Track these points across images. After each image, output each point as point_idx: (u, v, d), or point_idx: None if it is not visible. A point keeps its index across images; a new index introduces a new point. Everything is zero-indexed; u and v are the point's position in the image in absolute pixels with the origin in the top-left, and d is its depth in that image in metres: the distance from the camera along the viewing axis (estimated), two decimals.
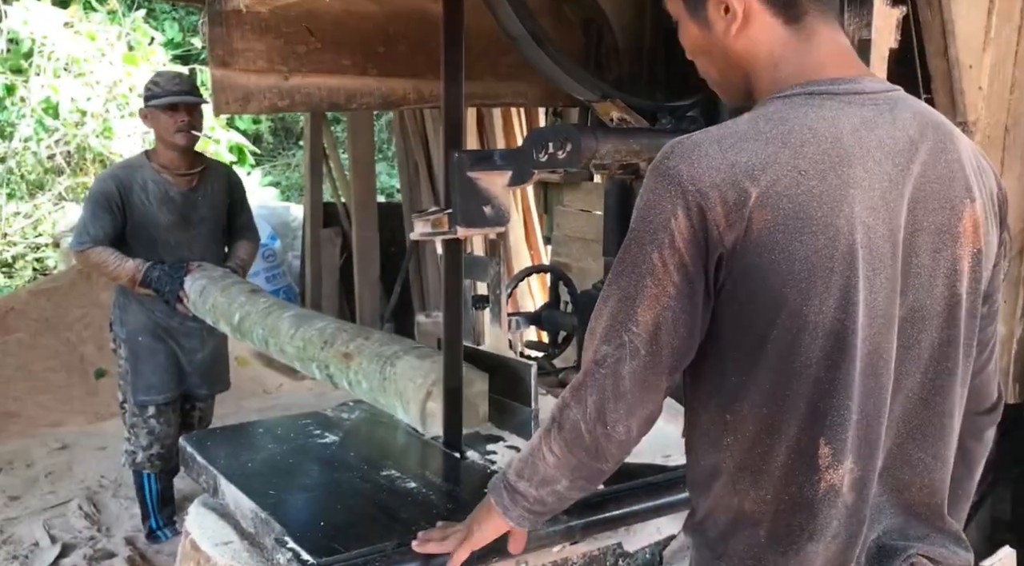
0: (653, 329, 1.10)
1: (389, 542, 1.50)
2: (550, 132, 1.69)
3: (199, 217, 3.39)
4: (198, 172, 3.38)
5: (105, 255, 3.22)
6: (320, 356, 2.25)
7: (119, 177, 3.29)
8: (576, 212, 4.40)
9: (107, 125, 8.69)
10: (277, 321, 2.50)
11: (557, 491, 1.27)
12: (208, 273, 3.18)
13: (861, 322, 1.09)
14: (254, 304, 2.70)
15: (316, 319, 2.44)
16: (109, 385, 5.17)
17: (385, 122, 9.74)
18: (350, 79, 2.16)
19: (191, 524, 1.76)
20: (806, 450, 1.11)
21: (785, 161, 1.07)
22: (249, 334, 2.64)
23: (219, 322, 2.91)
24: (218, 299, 2.92)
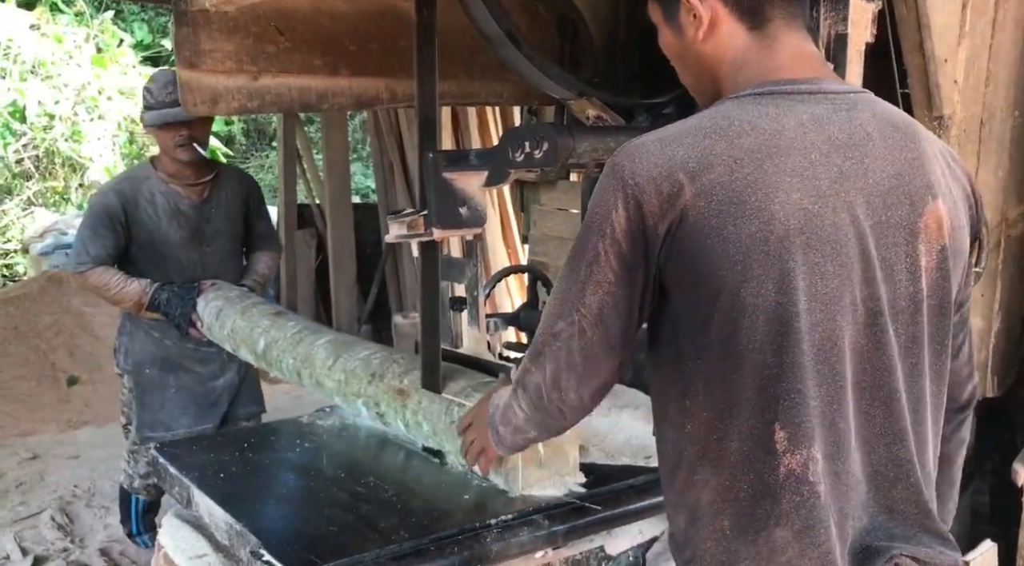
0: (598, 311, 1.18)
1: (368, 552, 1.47)
2: (526, 131, 1.66)
3: (213, 231, 3.04)
4: (210, 180, 3.04)
5: (106, 277, 2.88)
6: (367, 391, 2.00)
7: (123, 191, 2.93)
8: (553, 211, 4.38)
9: (76, 128, 8.57)
10: (311, 349, 2.21)
11: (529, 438, 1.42)
12: (224, 293, 2.86)
13: (804, 306, 1.11)
14: (281, 329, 2.39)
15: (358, 346, 2.16)
16: (81, 393, 5.10)
17: (359, 122, 9.68)
18: (321, 79, 2.12)
19: (164, 537, 1.72)
20: (761, 435, 1.13)
21: (721, 152, 1.11)
22: (277, 364, 2.34)
23: (239, 349, 2.58)
24: (238, 323, 2.59)
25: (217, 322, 2.72)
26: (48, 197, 8.77)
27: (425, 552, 1.49)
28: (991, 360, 2.25)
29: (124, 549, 3.42)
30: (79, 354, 5.26)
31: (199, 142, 2.92)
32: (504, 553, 1.57)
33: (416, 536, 1.53)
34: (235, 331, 2.59)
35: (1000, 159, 2.11)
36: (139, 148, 9.12)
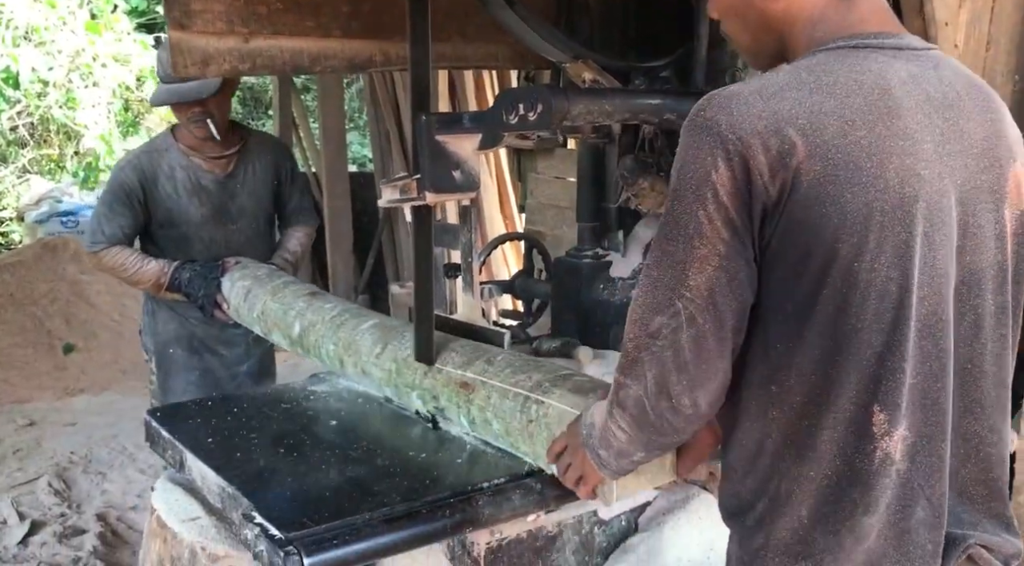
0: (708, 292, 1.05)
1: (359, 515, 1.47)
2: (520, 93, 1.64)
3: (239, 208, 2.80)
4: (236, 152, 2.78)
5: (123, 257, 2.69)
6: (424, 384, 1.83)
7: (141, 166, 2.70)
8: (550, 179, 4.36)
9: (71, 95, 8.49)
10: (354, 334, 2.03)
11: (636, 460, 1.24)
12: (252, 271, 2.62)
13: (918, 281, 1.04)
14: (319, 312, 2.18)
15: (409, 332, 1.94)
16: (77, 360, 5.11)
17: (356, 90, 9.60)
18: (314, 41, 2.09)
19: (157, 500, 1.72)
20: (858, 420, 1.06)
21: (831, 110, 1.02)
22: (315, 350, 2.15)
23: (271, 333, 2.36)
24: (269, 305, 2.36)
25: (245, 303, 2.49)
26: (43, 165, 8.72)
27: (417, 515, 1.50)
28: None
29: (121, 514, 3.44)
30: (75, 322, 5.26)
31: (215, 119, 2.65)
32: (496, 516, 1.58)
33: (408, 499, 1.53)
34: (266, 314, 2.36)
35: None
36: (134, 116, 9.06)
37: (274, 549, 1.37)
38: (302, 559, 1.35)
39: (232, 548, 1.56)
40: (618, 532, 1.84)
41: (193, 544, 1.57)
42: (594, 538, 1.80)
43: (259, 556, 1.42)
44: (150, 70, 8.87)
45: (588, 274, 2.30)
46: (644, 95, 1.72)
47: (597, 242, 2.35)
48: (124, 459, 3.98)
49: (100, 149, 8.67)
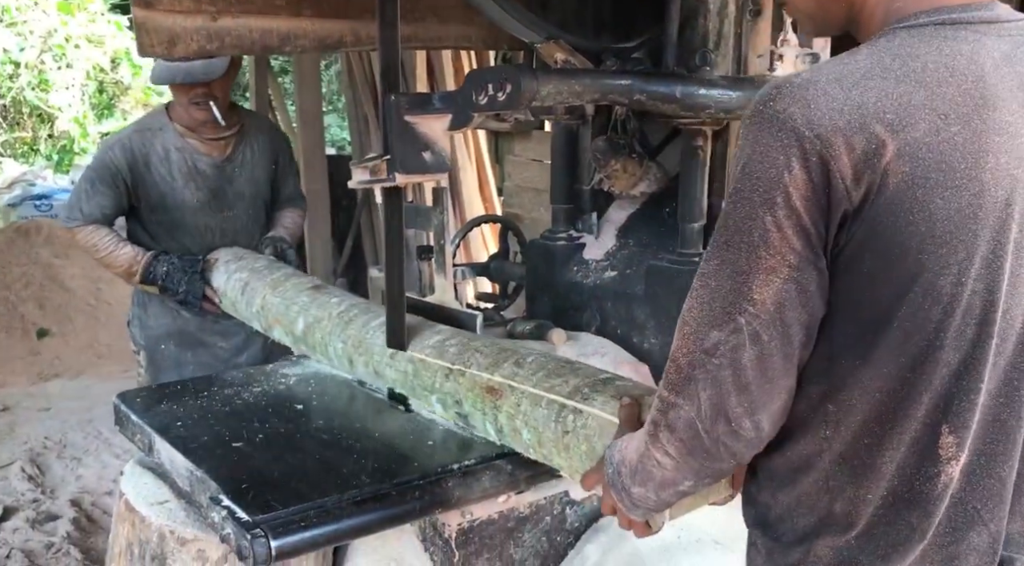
0: (775, 308, 0.94)
1: (328, 497, 1.47)
2: (489, 73, 1.63)
3: (236, 193, 2.66)
4: (234, 134, 2.64)
5: (96, 237, 2.55)
6: (445, 387, 1.69)
7: (131, 146, 2.54)
8: (527, 162, 4.35)
9: (43, 77, 8.39)
10: (365, 332, 1.90)
11: (682, 490, 1.09)
12: (249, 262, 2.45)
13: (1004, 292, 0.95)
14: (324, 306, 2.05)
15: (425, 330, 1.84)
16: (52, 345, 5.06)
17: (335, 73, 9.51)
18: (283, 20, 2.06)
19: (126, 484, 1.71)
20: (925, 440, 0.97)
21: (921, 102, 0.91)
22: (321, 348, 2.02)
23: (272, 329, 2.21)
24: (270, 299, 2.20)
25: (243, 298, 2.33)
26: (16, 148, 8.60)
27: (386, 496, 1.50)
28: None
29: (96, 500, 3.42)
30: (49, 306, 5.20)
31: (218, 102, 2.52)
32: (466, 497, 1.58)
33: (378, 481, 1.53)
34: (266, 308, 2.21)
35: None
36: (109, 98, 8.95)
37: (241, 532, 1.37)
38: (269, 542, 1.35)
39: (200, 531, 1.55)
40: (590, 512, 1.85)
41: (161, 527, 1.57)
42: (566, 518, 1.81)
43: (226, 539, 1.41)
44: (125, 51, 8.76)
45: (561, 256, 2.29)
46: (614, 76, 1.72)
47: (571, 224, 2.35)
48: (99, 444, 3.95)
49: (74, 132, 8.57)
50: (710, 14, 1.89)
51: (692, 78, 1.79)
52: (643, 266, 2.10)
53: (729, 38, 1.89)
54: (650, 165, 2.15)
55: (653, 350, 2.06)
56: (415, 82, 5.25)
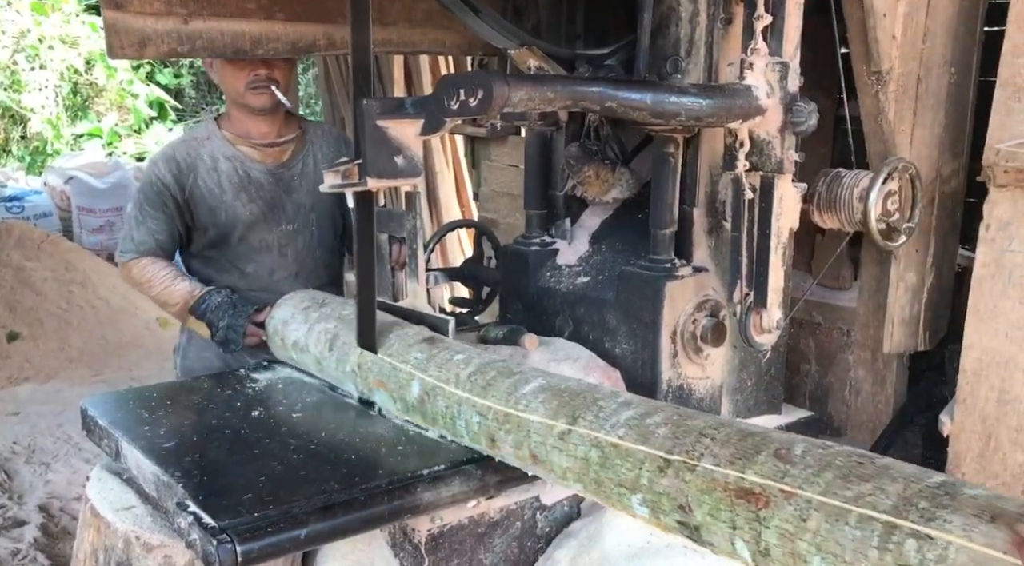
0: None
1: (295, 502, 1.46)
2: (461, 78, 1.63)
3: (295, 205, 2.38)
4: (292, 139, 2.40)
5: (151, 271, 2.31)
6: (659, 485, 1.26)
7: (176, 158, 2.32)
8: (503, 167, 4.35)
9: (16, 78, 8.30)
10: (513, 402, 1.52)
11: None
12: (335, 309, 2.03)
13: None
14: (446, 366, 1.69)
15: (606, 399, 1.44)
16: (22, 348, 4.99)
17: (312, 76, 9.48)
18: (256, 23, 2.05)
19: (91, 490, 1.69)
20: None
21: None
22: (447, 421, 1.66)
23: (372, 393, 1.86)
24: (370, 355, 1.84)
25: (332, 354, 1.93)
26: None
27: (353, 502, 1.49)
28: (923, 315, 2.29)
29: (64, 505, 3.38)
30: (19, 309, 5.13)
31: (278, 84, 2.27)
32: (435, 502, 1.58)
33: (346, 486, 1.53)
34: (366, 368, 1.84)
35: (936, 115, 2.13)
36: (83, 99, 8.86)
37: (207, 537, 1.35)
38: (235, 547, 1.34)
39: (167, 537, 1.54)
40: (561, 518, 1.85)
41: (127, 533, 1.55)
42: (536, 524, 1.81)
43: (192, 545, 1.40)
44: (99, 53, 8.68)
45: (535, 261, 2.30)
46: (586, 82, 1.72)
47: (545, 229, 2.36)
48: (69, 449, 3.90)
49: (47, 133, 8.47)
50: (682, 22, 1.91)
51: (663, 85, 1.80)
52: (616, 272, 2.11)
53: (700, 46, 1.91)
54: (623, 172, 2.16)
55: (625, 356, 2.07)
56: (392, 87, 5.24)
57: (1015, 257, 1.89)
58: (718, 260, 2.06)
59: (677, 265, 2.00)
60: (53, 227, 6.54)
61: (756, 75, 1.77)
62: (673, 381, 2.01)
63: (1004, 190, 1.89)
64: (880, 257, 2.23)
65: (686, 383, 2.04)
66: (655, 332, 1.98)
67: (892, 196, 1.98)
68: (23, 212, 6.59)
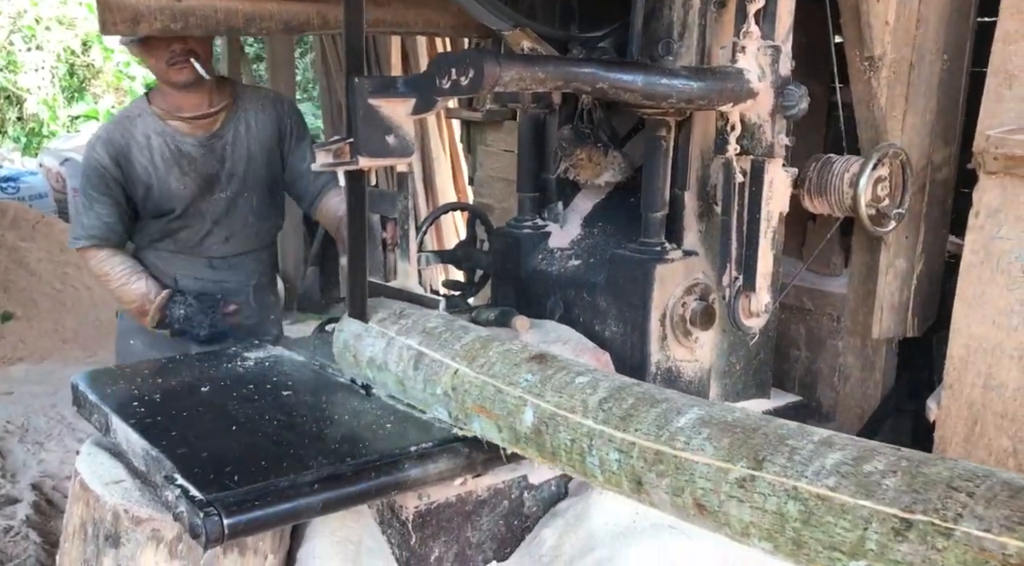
0: None
1: (283, 477, 1.47)
2: (453, 58, 1.63)
3: (229, 175, 2.39)
4: (222, 109, 2.39)
5: (108, 265, 2.34)
6: (893, 552, 0.99)
7: (112, 139, 2.32)
8: (499, 152, 4.35)
9: (12, 58, 8.26)
10: (667, 438, 1.23)
11: None
12: (416, 321, 1.79)
13: None
14: (568, 390, 1.40)
15: (792, 434, 1.16)
16: (16, 329, 5.00)
17: (310, 61, 9.45)
18: (249, 2, 2.05)
19: (81, 464, 1.70)
20: None
21: None
22: (572, 456, 1.36)
23: (471, 420, 1.58)
24: (468, 377, 1.56)
25: (418, 374, 1.67)
26: None
27: (340, 477, 1.50)
28: (912, 301, 2.30)
29: (57, 484, 3.40)
30: (13, 290, 5.14)
31: (198, 57, 2.26)
32: (422, 479, 1.59)
33: (334, 462, 1.54)
34: (461, 391, 1.57)
35: (928, 102, 2.13)
36: (80, 81, 8.83)
37: (194, 510, 1.36)
38: (222, 520, 1.35)
39: (155, 511, 1.54)
40: (548, 497, 1.86)
41: (116, 507, 1.56)
42: (524, 503, 1.82)
43: (179, 517, 1.41)
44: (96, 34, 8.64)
45: (527, 244, 2.31)
46: (577, 63, 1.72)
47: (537, 212, 2.36)
48: (63, 428, 3.92)
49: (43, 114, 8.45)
50: (675, 5, 1.91)
51: (654, 67, 1.81)
52: (607, 255, 2.12)
53: (693, 29, 1.91)
54: (615, 155, 2.17)
55: (614, 338, 2.08)
56: (389, 68, 5.23)
57: (1003, 244, 1.90)
58: (708, 244, 2.07)
59: (667, 248, 2.00)
60: (48, 208, 6.53)
61: (748, 59, 1.78)
62: (662, 364, 2.02)
63: (993, 177, 1.90)
64: (870, 244, 2.24)
65: (675, 366, 2.05)
66: (644, 315, 1.99)
67: (882, 182, 1.99)
68: (18, 193, 6.59)
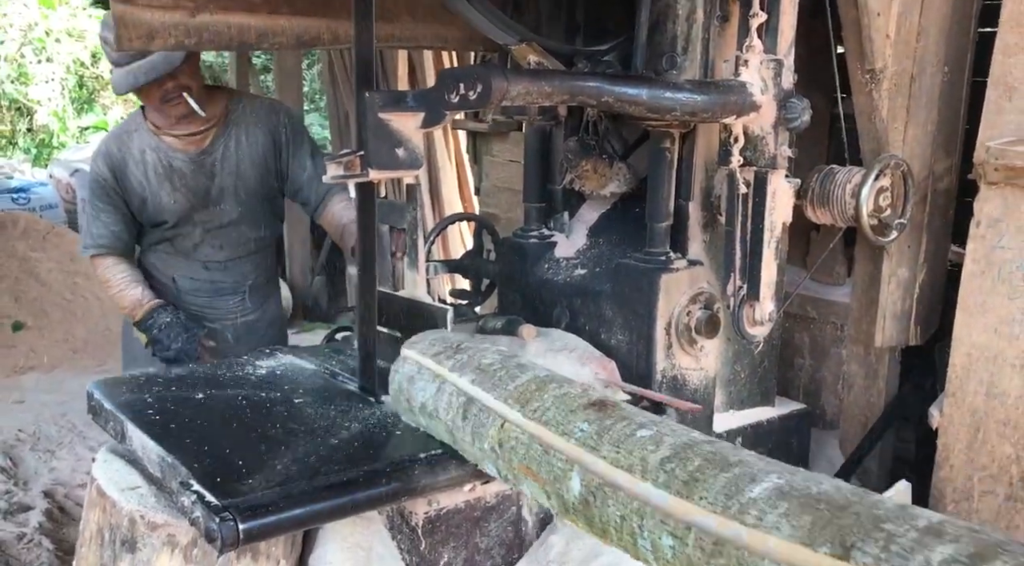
0: None
1: (297, 483, 1.50)
2: (460, 72, 1.66)
3: (219, 189, 2.45)
4: (213, 125, 2.44)
5: (110, 273, 2.43)
6: None
7: (110, 152, 2.42)
8: (505, 162, 4.38)
9: (23, 70, 8.35)
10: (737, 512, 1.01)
11: None
12: (472, 356, 1.60)
13: None
14: (627, 444, 1.20)
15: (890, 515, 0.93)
16: (27, 338, 5.04)
17: (317, 72, 9.52)
18: (261, 18, 2.09)
19: (97, 471, 1.73)
20: None
21: None
22: (624, 535, 1.16)
23: (521, 481, 1.40)
24: (514, 431, 1.39)
25: (466, 424, 1.51)
26: None
27: (353, 483, 1.53)
28: (915, 310, 2.32)
29: (68, 491, 3.43)
30: (24, 299, 5.19)
31: (191, 91, 2.35)
32: (432, 485, 1.62)
33: (346, 469, 1.57)
34: (507, 448, 1.39)
35: (929, 114, 2.16)
36: (89, 92, 8.91)
37: (209, 515, 1.40)
38: (237, 525, 1.38)
39: (171, 516, 1.58)
40: None
41: (132, 512, 1.59)
42: (533, 508, 1.85)
43: (195, 522, 1.44)
44: None
45: (533, 254, 2.34)
46: (583, 77, 1.76)
47: (543, 223, 2.39)
48: (73, 437, 3.95)
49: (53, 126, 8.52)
50: (679, 19, 1.94)
51: (658, 81, 1.84)
52: (612, 264, 2.15)
53: (697, 43, 1.94)
54: (620, 166, 2.20)
55: (620, 346, 2.11)
56: (396, 81, 5.28)
57: (1004, 253, 1.93)
58: (713, 254, 2.10)
59: (672, 258, 2.03)
60: (58, 219, 6.59)
61: (751, 72, 1.81)
62: (667, 372, 2.05)
63: (994, 187, 1.93)
64: (873, 253, 2.27)
65: (680, 374, 2.07)
66: (650, 323, 2.02)
67: (884, 192, 2.02)
68: (29, 203, 6.65)
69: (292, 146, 2.53)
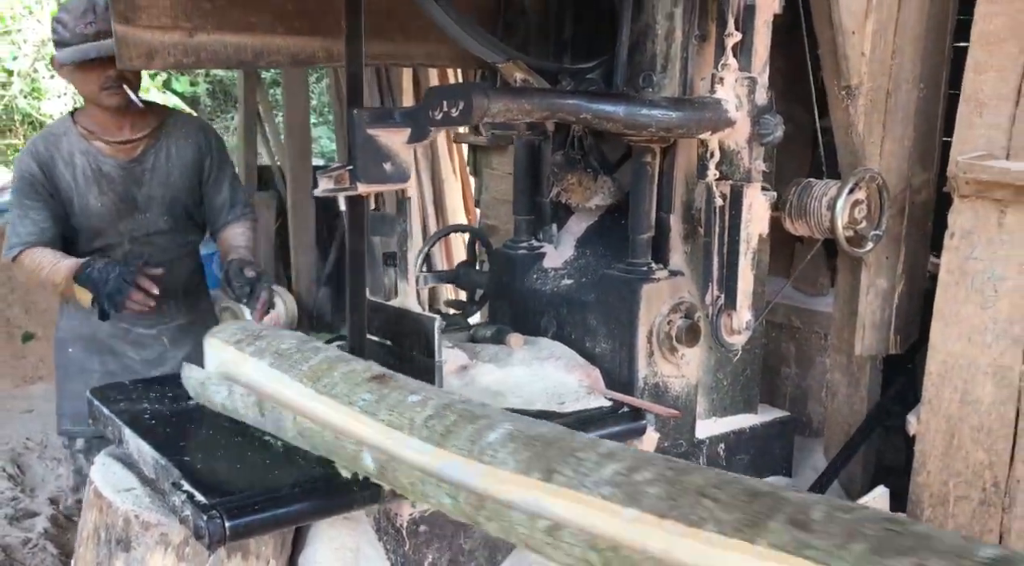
0: None
1: (284, 485, 1.56)
2: (445, 91, 1.74)
3: (146, 197, 2.48)
4: (145, 135, 2.47)
5: (40, 256, 2.36)
6: None
7: (39, 151, 2.42)
8: (504, 175, 4.45)
9: (36, 85, 8.48)
10: (486, 459, 1.28)
11: None
12: (270, 342, 1.82)
13: None
14: (398, 409, 1.45)
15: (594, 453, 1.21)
16: (36, 348, 5.12)
17: (326, 86, 9.63)
18: (258, 37, 2.17)
19: (95, 473, 1.80)
20: None
21: None
22: (418, 495, 1.41)
23: (350, 463, 1.56)
24: (290, 422, 1.62)
25: (266, 420, 1.70)
26: (7, 154, 8.67)
27: (338, 483, 1.59)
28: (895, 320, 2.37)
29: (75, 499, 3.50)
30: (34, 310, 5.26)
31: (130, 84, 2.35)
32: None
33: (331, 469, 1.63)
34: (307, 436, 1.60)
35: (905, 129, 2.22)
36: None
37: (198, 513, 1.46)
38: (224, 522, 1.44)
39: (164, 516, 1.64)
40: None
41: (127, 513, 1.66)
42: None
43: (185, 521, 1.51)
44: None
45: (522, 265, 2.40)
46: (562, 95, 1.82)
47: (532, 234, 2.46)
48: None
49: None
50: (658, 38, 2.01)
51: (635, 98, 1.91)
52: (598, 275, 2.21)
53: (676, 61, 2.01)
54: (604, 180, 2.26)
55: (604, 354, 2.17)
56: (401, 96, 5.37)
57: (976, 264, 1.98)
58: (694, 265, 2.16)
59: (654, 269, 2.09)
60: None
61: (726, 89, 1.87)
62: (649, 379, 2.11)
63: (966, 200, 1.98)
64: (853, 264, 2.32)
65: (662, 381, 2.13)
66: (632, 332, 2.08)
67: (859, 205, 2.08)
68: None
69: (216, 168, 2.60)
